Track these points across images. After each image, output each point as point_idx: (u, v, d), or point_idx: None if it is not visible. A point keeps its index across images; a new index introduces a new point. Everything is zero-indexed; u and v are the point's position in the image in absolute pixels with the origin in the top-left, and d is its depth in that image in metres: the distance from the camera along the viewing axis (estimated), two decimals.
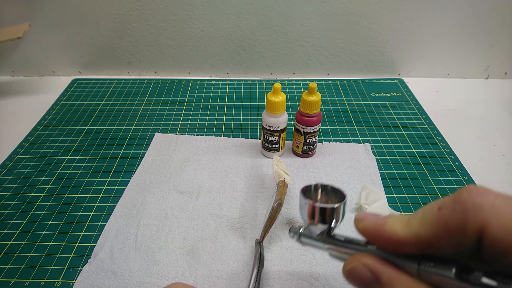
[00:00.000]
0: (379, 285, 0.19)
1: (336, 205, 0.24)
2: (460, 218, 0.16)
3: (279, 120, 0.44)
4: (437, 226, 0.17)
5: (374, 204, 0.39)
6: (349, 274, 0.20)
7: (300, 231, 0.28)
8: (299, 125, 0.45)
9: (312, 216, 0.25)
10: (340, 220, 0.25)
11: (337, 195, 0.26)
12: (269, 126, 0.44)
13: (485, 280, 0.15)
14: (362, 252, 0.21)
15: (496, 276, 0.15)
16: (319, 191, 0.27)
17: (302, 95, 0.43)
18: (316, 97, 0.42)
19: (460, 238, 0.16)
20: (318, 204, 0.24)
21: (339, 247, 0.24)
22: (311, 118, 0.44)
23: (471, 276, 0.16)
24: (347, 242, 0.23)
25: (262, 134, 0.46)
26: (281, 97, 0.42)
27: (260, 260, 0.33)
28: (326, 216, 0.24)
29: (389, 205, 0.40)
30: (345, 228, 0.38)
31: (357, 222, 0.21)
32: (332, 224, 0.25)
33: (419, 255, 0.18)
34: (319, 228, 0.25)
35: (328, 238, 0.25)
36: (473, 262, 0.17)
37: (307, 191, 0.26)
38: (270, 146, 0.46)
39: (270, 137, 0.45)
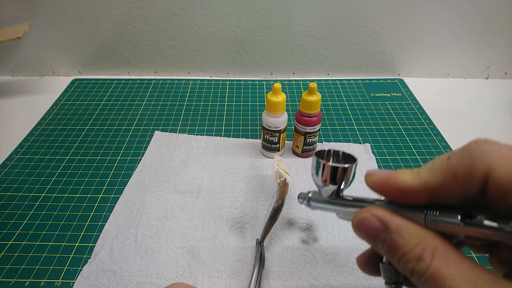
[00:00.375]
0: (388, 234, 0.20)
1: (347, 165, 0.25)
2: (467, 164, 0.17)
3: (279, 120, 0.44)
4: (445, 173, 0.18)
5: None
6: (359, 224, 0.21)
7: (309, 195, 0.29)
8: (299, 125, 0.45)
9: (323, 175, 0.26)
10: (349, 182, 0.26)
11: (348, 159, 0.27)
12: (269, 126, 0.44)
13: (487, 222, 0.16)
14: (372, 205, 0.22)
15: (496, 218, 0.16)
16: (331, 156, 0.28)
17: (302, 95, 0.43)
18: (316, 97, 0.42)
19: (467, 183, 0.17)
20: (331, 163, 0.25)
21: (348, 206, 0.25)
22: (311, 118, 0.44)
23: (474, 220, 0.17)
24: (356, 201, 0.24)
25: (262, 134, 0.46)
26: (281, 97, 0.42)
27: (260, 260, 0.33)
28: (337, 175, 0.25)
29: None
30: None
31: (368, 176, 0.21)
32: (342, 185, 0.26)
33: (425, 205, 0.19)
34: (329, 189, 0.26)
35: (337, 199, 0.26)
36: (475, 209, 0.18)
37: (320, 155, 0.28)
38: (270, 146, 0.46)
39: (270, 137, 0.45)
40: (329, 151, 0.28)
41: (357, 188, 0.42)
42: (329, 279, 0.33)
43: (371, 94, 0.63)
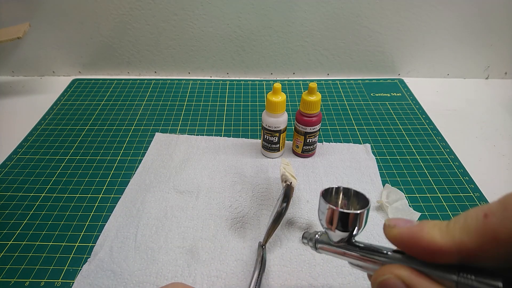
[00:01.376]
0: None
1: (359, 211, 0.22)
2: (511, 226, 0.15)
3: (279, 120, 0.44)
4: (483, 235, 0.16)
5: (395, 204, 0.39)
6: (381, 287, 0.19)
7: (316, 236, 0.25)
8: (299, 125, 0.45)
9: (332, 222, 0.23)
10: (362, 228, 0.23)
11: (359, 199, 0.24)
12: (269, 126, 0.44)
13: None
14: (391, 263, 0.19)
15: None
16: (340, 194, 0.25)
17: (302, 95, 0.43)
18: (316, 97, 0.42)
19: (511, 247, 0.15)
20: (340, 209, 0.22)
21: (362, 256, 0.22)
22: (311, 118, 0.44)
23: None
24: (371, 251, 0.21)
25: (262, 134, 0.46)
26: (281, 97, 0.42)
27: (262, 263, 0.33)
28: (349, 222, 0.22)
29: None
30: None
31: (388, 229, 0.19)
32: (354, 232, 0.23)
33: (456, 265, 0.17)
34: (339, 235, 0.23)
35: (349, 245, 0.23)
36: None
37: (327, 194, 0.25)
38: (270, 146, 0.46)
39: (270, 137, 0.45)
40: (337, 188, 0.25)
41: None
42: (328, 279, 0.33)
43: (371, 94, 0.63)
